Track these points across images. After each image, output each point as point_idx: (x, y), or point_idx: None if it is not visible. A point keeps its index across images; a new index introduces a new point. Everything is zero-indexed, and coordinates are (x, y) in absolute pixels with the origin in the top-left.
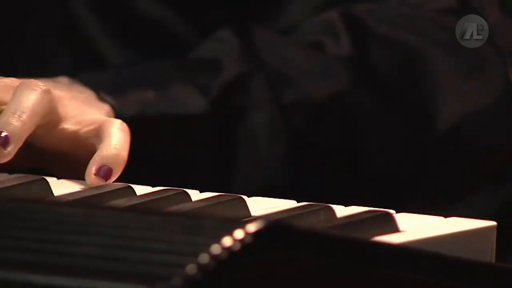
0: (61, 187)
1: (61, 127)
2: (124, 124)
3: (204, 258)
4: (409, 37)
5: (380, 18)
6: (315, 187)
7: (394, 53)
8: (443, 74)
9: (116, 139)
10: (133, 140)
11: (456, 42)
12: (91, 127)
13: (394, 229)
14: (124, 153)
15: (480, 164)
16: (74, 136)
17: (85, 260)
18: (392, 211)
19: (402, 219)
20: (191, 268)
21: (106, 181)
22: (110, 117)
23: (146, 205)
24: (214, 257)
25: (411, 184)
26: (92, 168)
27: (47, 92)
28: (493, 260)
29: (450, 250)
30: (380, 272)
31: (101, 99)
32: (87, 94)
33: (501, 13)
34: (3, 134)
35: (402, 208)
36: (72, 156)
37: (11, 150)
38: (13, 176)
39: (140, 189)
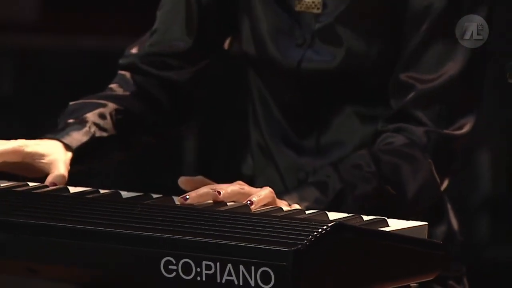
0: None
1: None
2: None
3: (309, 238)
4: (394, 159)
5: (383, 152)
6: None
7: (390, 168)
8: (406, 172)
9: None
10: None
11: (411, 157)
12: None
13: (386, 225)
14: None
15: (424, 206)
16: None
17: (254, 235)
18: (386, 218)
19: (390, 221)
20: (304, 242)
21: None
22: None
23: (287, 216)
24: (313, 237)
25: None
26: None
27: (272, 191)
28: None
29: (409, 234)
30: (380, 242)
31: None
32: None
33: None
34: (253, 200)
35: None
36: None
37: (253, 208)
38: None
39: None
